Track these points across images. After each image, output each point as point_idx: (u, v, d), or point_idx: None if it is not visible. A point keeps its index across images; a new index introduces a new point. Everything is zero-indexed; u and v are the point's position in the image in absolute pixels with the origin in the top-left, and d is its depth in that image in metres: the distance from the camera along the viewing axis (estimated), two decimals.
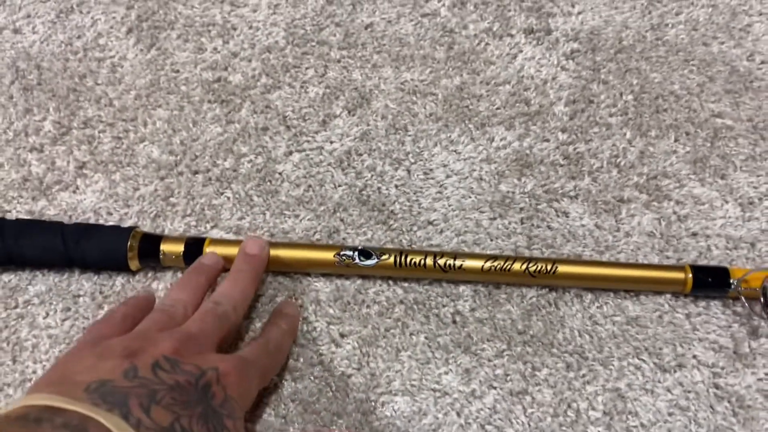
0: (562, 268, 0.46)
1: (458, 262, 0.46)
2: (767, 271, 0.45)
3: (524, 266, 0.46)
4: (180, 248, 0.46)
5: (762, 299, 0.44)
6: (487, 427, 0.42)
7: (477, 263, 0.46)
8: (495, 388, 0.44)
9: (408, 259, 0.46)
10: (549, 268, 0.46)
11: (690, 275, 0.45)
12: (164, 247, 0.46)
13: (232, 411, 0.35)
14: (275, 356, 0.42)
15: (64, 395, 0.31)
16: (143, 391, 0.33)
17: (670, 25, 0.60)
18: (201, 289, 0.43)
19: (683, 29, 0.60)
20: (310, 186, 0.52)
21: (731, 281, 0.45)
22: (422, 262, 0.46)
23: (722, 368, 0.45)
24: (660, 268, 0.47)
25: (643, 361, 0.45)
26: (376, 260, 0.46)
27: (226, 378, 0.36)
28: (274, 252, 0.46)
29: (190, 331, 0.38)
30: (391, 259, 0.46)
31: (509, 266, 0.46)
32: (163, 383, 0.33)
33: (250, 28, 0.60)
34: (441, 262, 0.46)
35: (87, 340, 0.38)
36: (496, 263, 0.46)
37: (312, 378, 0.44)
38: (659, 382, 0.44)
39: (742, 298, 0.45)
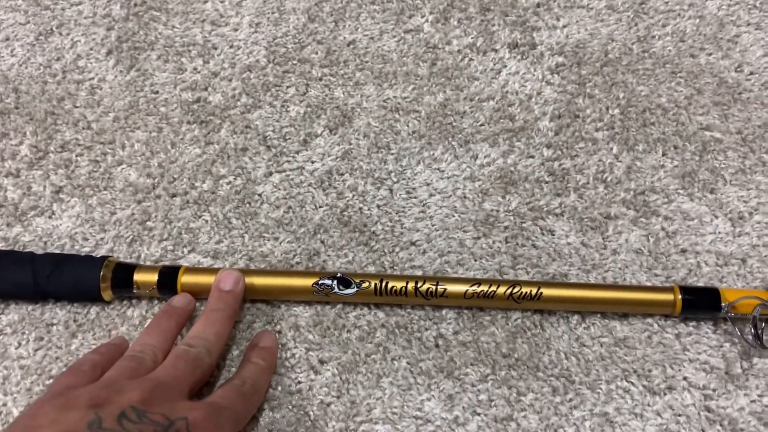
0: (547, 292, 0.44)
1: (440, 288, 0.44)
2: (757, 296, 0.44)
3: (508, 291, 0.44)
4: (154, 278, 0.45)
5: (752, 330, 0.43)
6: None
7: (460, 288, 0.45)
8: (479, 414, 0.42)
9: (389, 287, 0.45)
10: (534, 292, 0.44)
11: (679, 296, 0.44)
12: (138, 277, 0.45)
13: None
14: (251, 398, 0.40)
15: None
16: None
17: (656, 37, 0.59)
18: (171, 333, 0.42)
19: (670, 41, 0.59)
20: (290, 207, 0.51)
21: (722, 305, 0.44)
22: (403, 289, 0.44)
23: (714, 390, 0.43)
24: (648, 290, 0.45)
25: (632, 383, 0.43)
26: (355, 289, 0.45)
27: (196, 428, 0.34)
28: (249, 280, 0.44)
29: (160, 379, 0.37)
30: (372, 287, 0.45)
31: (493, 292, 0.44)
32: None
33: (231, 47, 0.60)
34: (423, 288, 0.44)
35: (53, 391, 0.37)
36: (479, 289, 0.44)
37: (290, 407, 0.43)
38: (648, 405, 0.43)
39: (732, 325, 0.44)
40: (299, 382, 0.43)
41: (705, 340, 0.45)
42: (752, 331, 0.43)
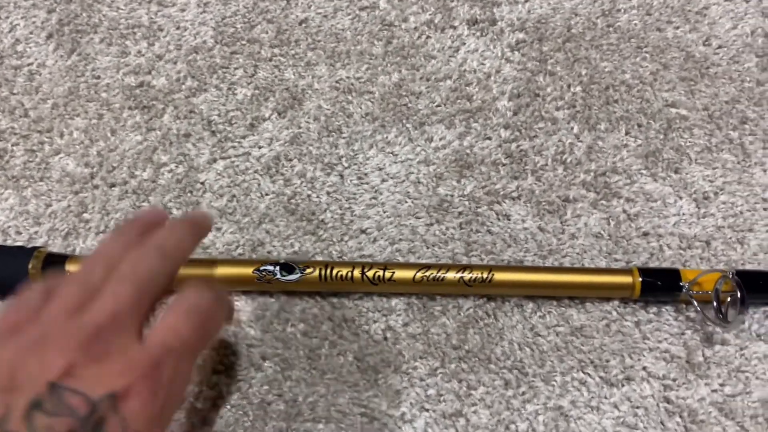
0: (500, 276, 0.42)
1: (388, 274, 0.42)
2: (719, 272, 0.42)
3: (459, 275, 0.42)
4: None
5: (714, 303, 0.41)
6: None
7: (408, 273, 0.42)
8: (427, 410, 0.40)
9: (334, 272, 0.42)
10: (485, 276, 0.42)
11: (638, 279, 0.42)
12: (71, 267, 0.43)
13: None
14: (204, 326, 0.32)
15: None
16: None
17: (622, 11, 0.57)
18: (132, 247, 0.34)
19: (636, 14, 0.56)
20: (234, 196, 0.48)
21: (682, 284, 0.42)
22: (349, 274, 0.42)
23: (674, 380, 0.41)
24: (605, 272, 0.43)
25: (588, 375, 0.41)
26: (299, 275, 0.42)
27: (127, 404, 0.27)
28: (186, 271, 0.42)
29: (98, 322, 0.29)
30: (316, 273, 0.42)
31: (443, 275, 0.42)
32: None
33: (178, 28, 0.57)
34: (370, 274, 0.42)
35: None
36: (428, 273, 0.42)
37: (229, 406, 0.40)
38: (605, 397, 0.41)
39: (694, 302, 0.42)
40: (239, 380, 0.41)
41: (666, 328, 0.43)
42: (714, 305, 0.41)
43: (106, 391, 0.27)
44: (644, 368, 0.42)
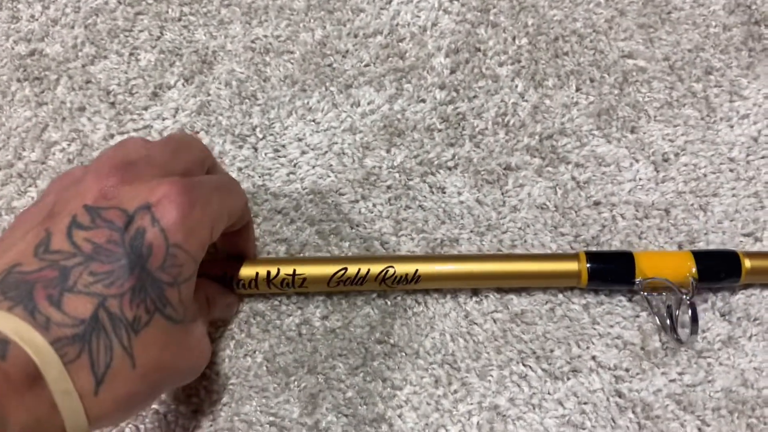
0: (425, 269, 0.37)
1: (299, 278, 0.36)
2: (669, 281, 0.36)
3: (381, 274, 0.36)
4: None
5: (668, 322, 0.36)
6: None
7: (322, 272, 0.37)
8: (345, 416, 0.35)
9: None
10: (410, 274, 0.36)
11: (586, 265, 0.37)
12: None
13: (177, 272, 0.27)
14: (232, 187, 0.33)
15: None
16: (53, 274, 0.25)
17: None
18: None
19: None
20: None
21: (635, 281, 0.36)
22: (253, 282, 0.36)
23: (626, 370, 0.36)
24: (546, 259, 0.38)
25: (530, 367, 0.36)
26: None
27: (162, 210, 0.27)
28: None
29: (129, 157, 0.29)
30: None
31: (363, 276, 0.36)
32: (80, 252, 0.26)
33: None
34: (277, 280, 0.36)
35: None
36: (345, 276, 0.36)
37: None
38: (549, 393, 0.36)
39: (648, 303, 0.37)
40: None
41: (618, 310, 0.38)
42: (668, 323, 0.36)
43: (142, 203, 0.27)
44: (593, 358, 0.37)
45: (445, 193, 0.42)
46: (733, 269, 0.36)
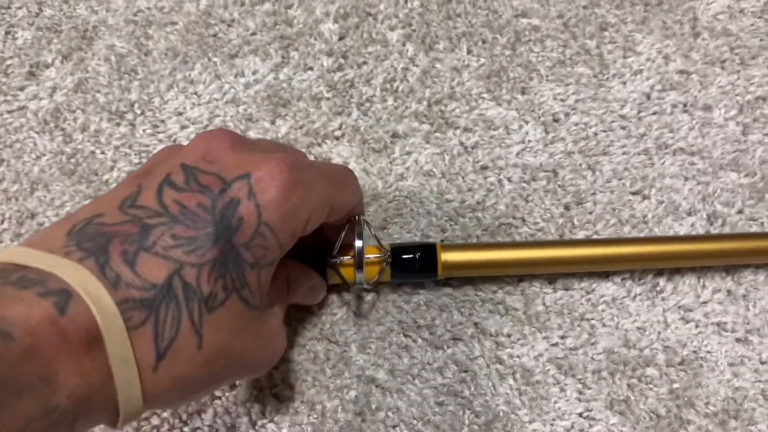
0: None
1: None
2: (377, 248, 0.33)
3: None
4: None
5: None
6: None
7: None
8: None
9: None
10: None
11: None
12: None
13: (262, 254, 0.24)
14: (344, 183, 0.31)
15: (40, 245, 0.23)
16: (133, 230, 0.23)
17: None
18: None
19: None
20: (3, 160, 0.41)
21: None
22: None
23: (508, 336, 0.36)
24: None
25: (410, 338, 0.35)
26: None
27: (262, 185, 0.24)
28: None
29: (245, 136, 0.28)
30: None
31: None
32: (166, 212, 0.24)
33: None
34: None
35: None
36: None
37: None
38: (429, 363, 0.35)
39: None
40: None
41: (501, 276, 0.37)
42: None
43: (242, 172, 0.25)
44: (475, 324, 0.36)
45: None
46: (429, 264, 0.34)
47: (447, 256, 0.34)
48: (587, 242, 0.37)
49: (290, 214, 0.25)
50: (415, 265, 0.34)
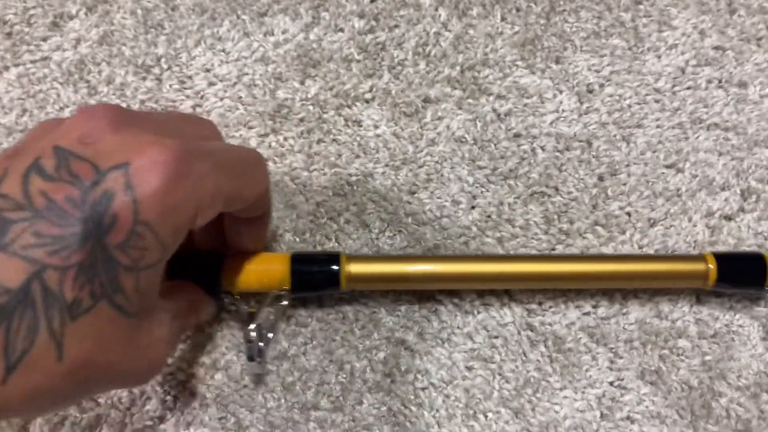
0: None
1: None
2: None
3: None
4: None
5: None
6: None
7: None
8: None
9: None
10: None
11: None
12: None
13: (139, 255, 0.22)
14: (243, 172, 0.27)
15: None
16: None
17: None
18: None
19: None
20: (25, 110, 0.40)
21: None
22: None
23: (539, 303, 0.35)
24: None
25: (440, 302, 0.35)
26: None
27: (142, 176, 0.22)
28: None
29: (132, 110, 0.25)
30: None
31: None
32: (29, 205, 0.21)
33: None
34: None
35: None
36: None
37: None
38: (458, 327, 0.35)
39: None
40: None
41: (534, 244, 0.37)
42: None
43: (120, 161, 0.22)
44: (506, 291, 0.35)
45: (361, 126, 0.40)
46: None
47: (351, 268, 0.32)
48: (500, 258, 0.35)
49: (173, 210, 0.22)
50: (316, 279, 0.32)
